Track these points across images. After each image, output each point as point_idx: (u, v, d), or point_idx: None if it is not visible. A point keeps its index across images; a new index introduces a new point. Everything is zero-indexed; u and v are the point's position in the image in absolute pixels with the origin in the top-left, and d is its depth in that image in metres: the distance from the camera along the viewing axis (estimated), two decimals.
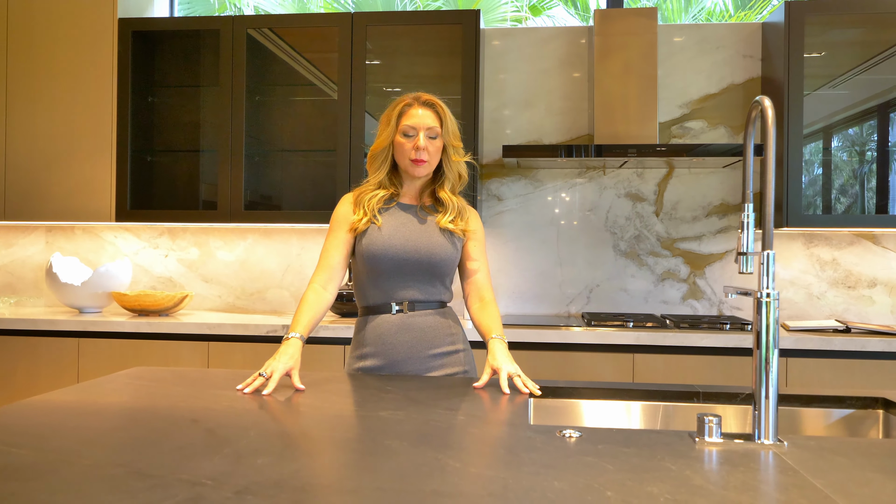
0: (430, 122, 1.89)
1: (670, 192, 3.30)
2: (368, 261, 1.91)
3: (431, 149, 1.90)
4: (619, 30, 3.08)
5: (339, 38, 3.13)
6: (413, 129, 1.89)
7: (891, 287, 3.20)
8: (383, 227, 1.91)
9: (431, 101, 1.92)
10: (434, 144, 1.91)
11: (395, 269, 1.90)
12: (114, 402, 1.52)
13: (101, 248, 3.59)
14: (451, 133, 1.92)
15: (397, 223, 1.93)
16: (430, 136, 1.90)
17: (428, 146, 1.89)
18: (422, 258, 1.90)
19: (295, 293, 3.47)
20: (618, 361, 2.74)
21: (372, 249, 1.90)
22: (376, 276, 1.92)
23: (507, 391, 1.65)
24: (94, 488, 0.97)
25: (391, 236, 1.90)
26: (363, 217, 1.92)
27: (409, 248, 1.90)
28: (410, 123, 1.89)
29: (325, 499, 0.93)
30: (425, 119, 1.89)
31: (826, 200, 3.26)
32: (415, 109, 1.91)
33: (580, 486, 0.99)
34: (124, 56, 3.24)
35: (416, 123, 1.89)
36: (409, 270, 1.90)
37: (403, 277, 1.91)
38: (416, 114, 1.90)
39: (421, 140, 1.88)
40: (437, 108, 1.91)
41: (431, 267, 1.91)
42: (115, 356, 2.96)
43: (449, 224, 1.92)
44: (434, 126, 1.90)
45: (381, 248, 1.89)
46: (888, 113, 3.20)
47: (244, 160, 3.18)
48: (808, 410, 1.63)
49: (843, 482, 1.03)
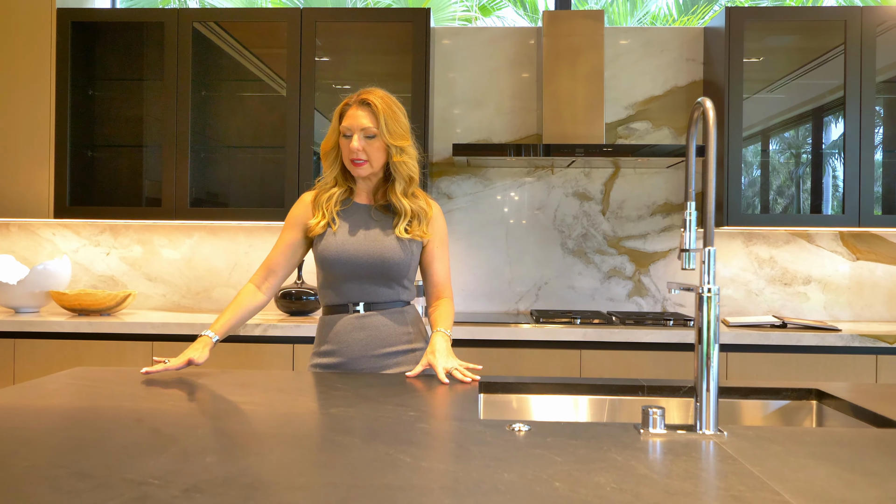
0: (365, 123, 1.85)
1: (616, 192, 3.37)
2: (323, 265, 1.92)
3: (370, 149, 1.86)
4: (567, 31, 3.13)
5: (287, 33, 3.10)
6: (349, 130, 1.87)
7: (824, 284, 3.33)
8: (338, 232, 1.90)
9: (367, 99, 1.86)
10: (372, 145, 1.86)
11: (350, 272, 1.90)
12: (54, 403, 1.48)
13: (39, 245, 3.47)
14: (388, 132, 1.86)
15: (351, 228, 1.92)
16: (367, 136, 1.86)
17: (365, 147, 1.85)
18: (374, 262, 1.90)
19: None
20: (565, 358, 2.79)
21: (325, 255, 1.90)
22: (333, 279, 1.93)
23: (446, 381, 1.70)
24: (34, 490, 0.94)
25: (344, 241, 1.90)
26: (321, 220, 1.91)
27: (361, 252, 1.89)
28: (346, 124, 1.87)
29: (276, 495, 0.93)
30: (360, 119, 1.85)
31: (764, 200, 3.38)
32: (352, 110, 1.87)
33: (529, 477, 1.01)
34: (63, 47, 3.13)
35: (351, 125, 1.86)
36: (363, 274, 1.90)
37: (359, 280, 1.91)
38: (351, 114, 1.87)
39: (355, 141, 1.85)
40: (372, 107, 1.86)
41: (385, 270, 1.91)
42: (53, 357, 2.86)
43: (404, 233, 1.91)
44: (369, 126, 1.85)
45: (333, 254, 1.89)
46: (822, 117, 3.34)
47: (190, 156, 3.12)
48: (747, 402, 1.69)
49: (779, 469, 1.07)
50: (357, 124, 1.86)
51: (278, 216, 3.10)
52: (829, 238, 3.33)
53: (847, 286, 3.33)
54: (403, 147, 1.90)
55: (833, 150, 3.30)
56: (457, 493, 0.94)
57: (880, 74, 3.09)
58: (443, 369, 1.74)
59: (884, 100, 3.30)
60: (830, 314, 3.33)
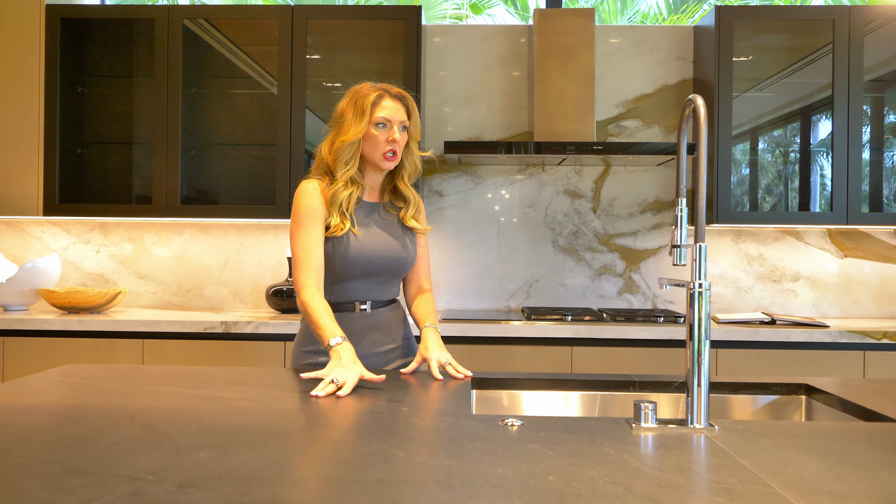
0: (403, 115, 1.88)
1: (607, 189, 3.39)
2: (341, 266, 1.86)
3: (402, 142, 1.88)
4: (559, 29, 3.14)
5: (278, 31, 3.09)
6: (388, 121, 1.85)
7: (812, 281, 3.36)
8: (360, 235, 1.87)
9: (402, 93, 1.90)
10: (404, 137, 1.89)
11: (365, 274, 1.89)
12: (45, 401, 1.47)
13: (28, 243, 3.45)
14: (416, 126, 1.92)
15: (370, 230, 1.90)
16: (403, 129, 1.88)
17: (400, 139, 1.87)
18: (391, 264, 1.91)
19: (233, 289, 3.41)
20: (556, 354, 2.80)
21: (348, 257, 1.85)
22: (344, 279, 1.89)
23: (440, 377, 1.71)
24: (27, 486, 0.94)
25: (366, 244, 1.87)
26: (341, 222, 1.84)
27: (380, 255, 1.89)
28: (385, 115, 1.84)
29: (271, 490, 0.93)
30: (399, 112, 1.87)
31: (753, 198, 3.41)
32: (388, 101, 1.86)
33: (523, 471, 1.02)
34: (53, 44, 3.11)
35: (391, 116, 1.85)
36: (377, 274, 1.91)
37: (369, 280, 1.91)
38: (389, 105, 1.86)
39: (396, 133, 1.85)
40: (406, 100, 1.90)
41: (399, 269, 1.94)
42: (43, 355, 2.85)
43: (413, 221, 1.95)
44: (405, 119, 1.88)
45: (355, 256, 1.86)
46: (810, 116, 3.36)
47: (180, 153, 3.11)
48: (737, 397, 1.71)
49: (769, 462, 1.08)
50: (397, 116, 1.86)
51: (269, 214, 3.10)
52: (817, 235, 3.36)
53: (835, 283, 3.35)
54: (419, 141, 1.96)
55: (821, 148, 3.33)
56: (451, 487, 0.95)
57: (868, 73, 3.12)
58: (437, 363, 1.75)
59: (871, 98, 3.33)
60: (819, 311, 3.36)
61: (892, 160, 3.37)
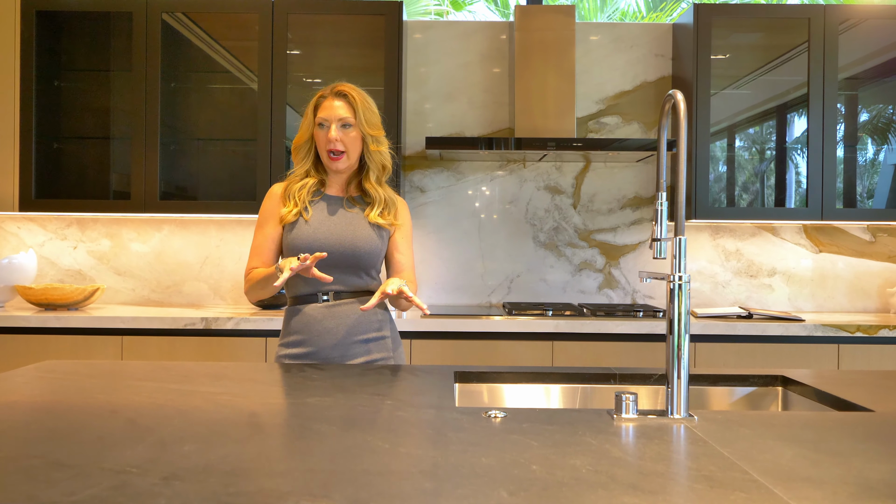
0: (342, 113, 1.90)
1: (587, 185, 3.41)
2: (293, 254, 1.91)
3: (346, 140, 1.91)
4: (539, 26, 3.16)
5: (258, 25, 3.07)
6: (326, 121, 1.91)
7: (788, 276, 3.41)
8: (310, 221, 1.92)
9: (344, 90, 1.93)
10: (349, 135, 1.91)
11: (321, 261, 1.90)
12: (24, 396, 1.46)
13: (3, 239, 3.40)
14: (366, 123, 1.92)
15: (323, 216, 1.94)
16: (344, 126, 1.91)
17: (342, 137, 1.90)
18: (346, 251, 1.91)
19: (214, 286, 3.39)
20: (537, 349, 2.82)
21: (297, 243, 1.91)
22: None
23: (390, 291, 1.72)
24: (9, 479, 0.93)
25: (316, 230, 1.91)
26: (293, 208, 1.92)
27: (333, 241, 1.91)
28: (323, 115, 1.92)
29: (256, 481, 0.93)
30: (337, 110, 1.91)
31: (730, 194, 3.45)
32: (328, 101, 1.92)
33: (507, 461, 1.03)
34: (28, 37, 3.07)
35: (328, 115, 1.91)
36: (333, 263, 1.91)
37: (329, 269, 1.91)
38: (328, 105, 1.92)
39: (332, 131, 1.89)
40: (349, 98, 1.92)
41: (356, 259, 1.93)
42: (19, 352, 2.81)
43: (378, 218, 1.95)
44: (346, 116, 1.90)
45: (306, 242, 1.90)
46: (786, 114, 3.42)
47: (159, 148, 3.08)
48: (715, 389, 1.73)
49: (747, 450, 1.10)
50: (334, 115, 1.90)
51: (249, 209, 3.08)
52: (793, 231, 3.41)
53: (810, 278, 3.41)
54: (378, 137, 1.96)
55: (796, 145, 3.38)
56: (436, 477, 0.96)
57: (842, 72, 3.17)
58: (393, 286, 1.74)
59: (845, 96, 3.38)
60: (794, 305, 3.41)
61: (865, 157, 3.43)
